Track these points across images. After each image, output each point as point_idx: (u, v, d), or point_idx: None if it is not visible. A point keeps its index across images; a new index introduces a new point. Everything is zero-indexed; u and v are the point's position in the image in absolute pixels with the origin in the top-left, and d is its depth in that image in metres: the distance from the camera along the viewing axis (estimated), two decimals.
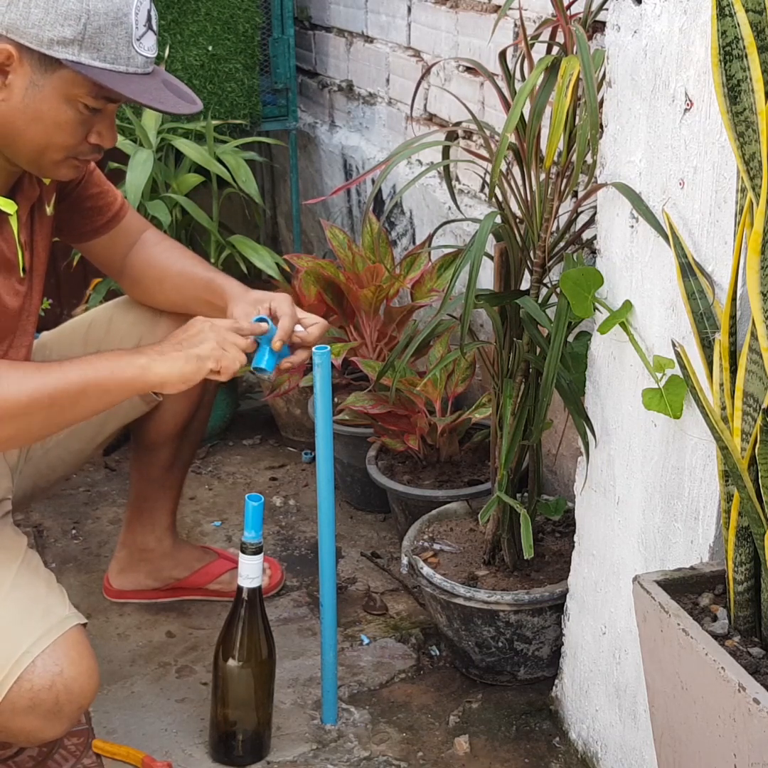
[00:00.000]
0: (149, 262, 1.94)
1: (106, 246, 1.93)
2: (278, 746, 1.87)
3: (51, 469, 2.02)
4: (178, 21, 2.83)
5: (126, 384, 1.60)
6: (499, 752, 1.86)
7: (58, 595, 1.67)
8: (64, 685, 1.55)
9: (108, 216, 1.90)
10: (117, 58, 1.51)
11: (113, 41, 1.50)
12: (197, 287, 1.89)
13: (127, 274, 1.96)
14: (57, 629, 1.59)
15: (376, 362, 2.41)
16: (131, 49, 1.52)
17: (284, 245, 3.63)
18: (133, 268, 1.95)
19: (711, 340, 1.30)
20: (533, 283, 1.74)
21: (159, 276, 1.93)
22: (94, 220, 1.89)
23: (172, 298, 1.94)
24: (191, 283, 1.90)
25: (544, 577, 1.93)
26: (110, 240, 1.92)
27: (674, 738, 1.30)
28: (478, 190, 2.44)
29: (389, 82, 2.83)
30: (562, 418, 2.03)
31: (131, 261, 1.94)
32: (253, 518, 1.74)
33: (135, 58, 1.53)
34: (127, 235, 1.94)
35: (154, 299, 1.97)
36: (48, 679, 1.54)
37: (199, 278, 1.90)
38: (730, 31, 1.10)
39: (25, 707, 1.54)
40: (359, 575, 2.35)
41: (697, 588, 1.36)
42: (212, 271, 1.92)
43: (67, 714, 1.58)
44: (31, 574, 1.67)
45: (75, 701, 1.57)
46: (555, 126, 1.54)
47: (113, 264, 1.97)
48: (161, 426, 2.07)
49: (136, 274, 1.95)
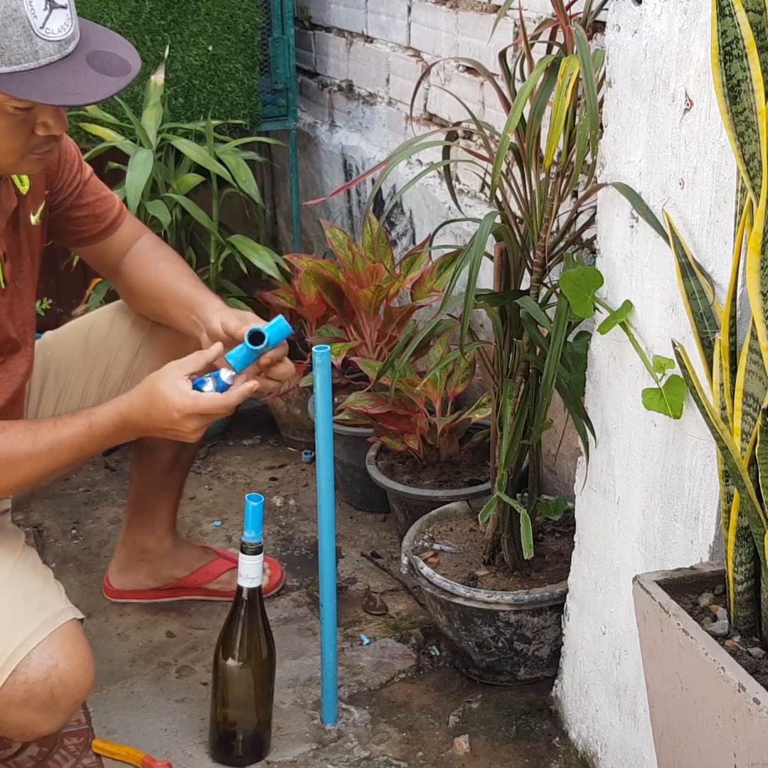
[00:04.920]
0: (139, 274, 1.93)
1: (102, 251, 1.94)
2: (278, 746, 1.87)
3: None
4: (178, 21, 2.82)
5: None
6: (499, 752, 1.86)
7: (55, 590, 1.67)
8: (59, 678, 1.56)
9: (105, 223, 1.90)
10: (23, 57, 1.43)
11: (11, 41, 1.42)
12: (181, 304, 1.88)
13: (120, 281, 1.97)
14: (52, 623, 1.59)
15: (376, 362, 2.41)
16: (35, 41, 1.43)
17: (284, 245, 3.63)
18: (125, 277, 1.95)
19: (711, 340, 1.30)
20: (533, 283, 1.74)
21: (147, 290, 1.92)
22: (90, 227, 1.89)
23: (157, 312, 1.94)
24: (176, 299, 1.89)
25: (544, 577, 1.93)
26: (107, 245, 1.92)
27: (674, 738, 1.30)
28: (478, 190, 2.44)
29: (389, 82, 2.83)
30: (562, 418, 2.03)
31: (124, 269, 1.94)
32: (253, 518, 1.74)
33: (44, 47, 1.44)
34: (123, 241, 1.94)
35: (142, 309, 1.98)
36: (43, 672, 1.54)
37: (183, 296, 1.88)
38: (730, 31, 1.10)
39: (20, 700, 1.54)
40: (359, 575, 2.35)
41: (697, 588, 1.36)
42: (197, 288, 1.90)
43: (63, 707, 1.58)
44: (27, 570, 1.67)
45: (70, 694, 1.58)
46: (555, 126, 1.53)
47: (108, 267, 1.97)
48: None
49: (128, 283, 1.95)
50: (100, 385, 2.00)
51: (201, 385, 1.65)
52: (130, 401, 1.66)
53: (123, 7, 2.75)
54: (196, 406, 1.63)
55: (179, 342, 1.99)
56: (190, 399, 1.63)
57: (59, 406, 1.99)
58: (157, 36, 2.81)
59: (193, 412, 1.63)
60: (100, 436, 1.66)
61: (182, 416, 1.63)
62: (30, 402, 1.97)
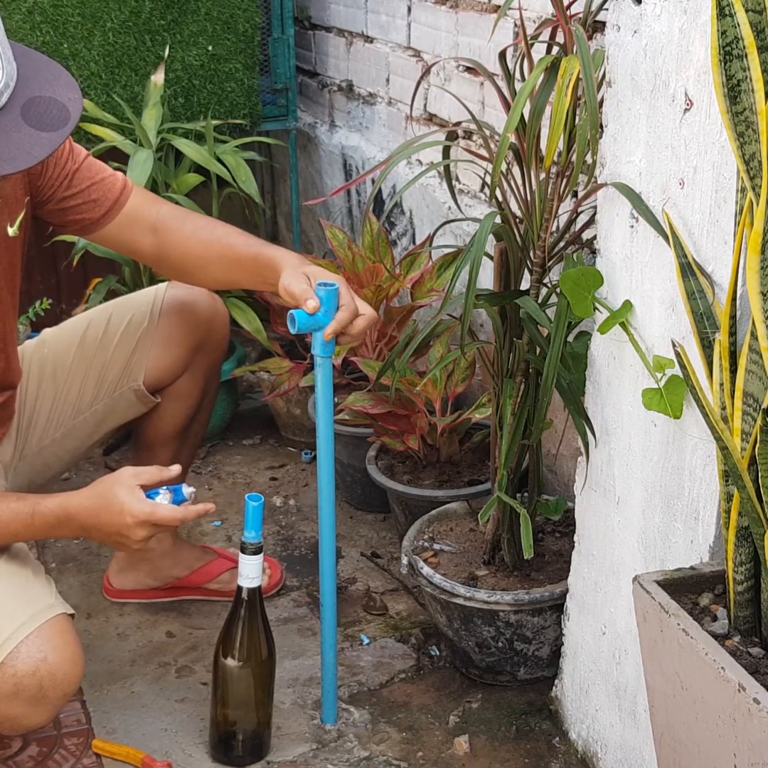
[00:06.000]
0: (183, 251, 1.84)
1: (117, 234, 1.85)
2: (278, 746, 1.87)
3: (47, 467, 2.02)
4: (178, 21, 2.83)
5: None
6: (499, 752, 1.86)
7: (45, 584, 1.67)
8: (48, 671, 1.56)
9: (105, 206, 1.82)
10: None
11: None
12: (244, 267, 1.80)
13: (162, 265, 1.90)
14: (41, 616, 1.59)
15: (376, 362, 2.41)
16: None
17: (284, 245, 3.62)
18: (168, 259, 1.86)
19: (711, 340, 1.30)
20: (533, 283, 1.74)
21: (199, 265, 1.84)
22: (90, 214, 1.82)
23: (220, 280, 1.88)
24: (237, 264, 1.81)
25: (544, 577, 1.93)
26: (118, 228, 1.83)
27: (674, 738, 1.30)
28: (478, 190, 2.44)
29: (389, 82, 2.83)
30: (562, 418, 2.03)
31: (164, 251, 1.85)
32: (253, 518, 1.74)
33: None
34: (139, 219, 1.84)
35: (203, 284, 1.92)
36: (31, 665, 1.54)
37: (244, 257, 1.80)
38: (730, 31, 1.10)
39: (9, 693, 1.54)
40: (359, 575, 2.35)
41: (697, 588, 1.36)
42: (255, 245, 1.82)
43: (52, 700, 1.58)
44: (17, 564, 1.67)
45: (59, 687, 1.57)
46: (555, 126, 1.53)
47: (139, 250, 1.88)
48: (160, 427, 2.07)
49: (174, 264, 1.87)
50: (96, 384, 2.00)
51: (154, 496, 1.64)
52: (80, 500, 1.64)
53: (123, 7, 2.75)
54: (153, 515, 1.61)
55: (175, 342, 1.99)
56: (148, 507, 1.61)
57: (56, 404, 1.99)
58: (157, 36, 2.81)
59: (147, 519, 1.61)
60: (39, 526, 1.64)
61: (136, 522, 1.61)
62: (27, 400, 1.97)
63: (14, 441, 1.96)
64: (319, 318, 1.66)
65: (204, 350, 2.04)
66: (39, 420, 1.98)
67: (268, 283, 1.77)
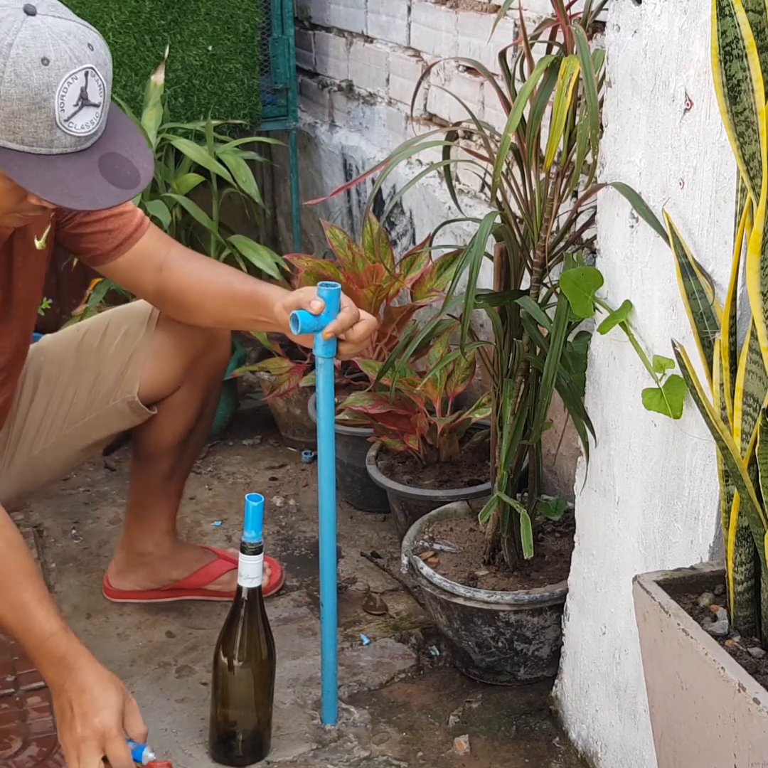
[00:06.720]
0: (184, 286, 1.85)
1: (124, 269, 1.86)
2: (278, 746, 1.87)
3: (37, 476, 2.00)
4: (178, 21, 2.83)
5: None
6: (499, 752, 1.86)
7: None
8: None
9: (119, 239, 1.83)
10: (36, 141, 1.43)
11: (30, 125, 1.41)
12: (239, 303, 1.81)
13: (163, 300, 1.89)
14: None
15: (376, 362, 2.41)
16: (54, 131, 1.43)
17: (284, 245, 3.63)
18: (168, 294, 1.87)
19: (711, 340, 1.30)
20: (533, 283, 1.74)
21: (197, 300, 1.85)
22: (102, 244, 1.83)
23: (216, 318, 1.88)
24: (233, 301, 1.82)
25: (544, 577, 1.93)
26: (128, 263, 1.85)
27: (674, 738, 1.30)
28: (478, 190, 2.44)
29: (389, 82, 2.83)
30: (562, 418, 2.03)
31: (165, 287, 1.86)
32: (253, 518, 1.74)
33: (61, 138, 1.44)
34: (148, 257, 1.86)
35: (199, 321, 1.91)
36: None
37: (240, 293, 1.81)
38: (730, 31, 1.10)
39: None
40: (359, 575, 2.35)
41: (697, 588, 1.36)
42: (251, 282, 1.84)
43: None
44: None
45: None
46: (555, 126, 1.53)
47: (142, 287, 1.89)
48: (160, 438, 2.06)
49: (174, 299, 1.87)
50: (89, 395, 1.99)
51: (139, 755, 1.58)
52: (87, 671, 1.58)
53: (123, 7, 2.75)
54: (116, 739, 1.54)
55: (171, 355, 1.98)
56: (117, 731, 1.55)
57: (48, 411, 1.97)
58: (157, 36, 2.81)
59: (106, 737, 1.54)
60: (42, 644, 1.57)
61: (101, 731, 1.54)
62: (21, 405, 1.96)
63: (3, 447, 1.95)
64: (321, 319, 1.66)
65: (204, 362, 2.01)
66: (30, 428, 1.98)
67: (261, 321, 1.79)
